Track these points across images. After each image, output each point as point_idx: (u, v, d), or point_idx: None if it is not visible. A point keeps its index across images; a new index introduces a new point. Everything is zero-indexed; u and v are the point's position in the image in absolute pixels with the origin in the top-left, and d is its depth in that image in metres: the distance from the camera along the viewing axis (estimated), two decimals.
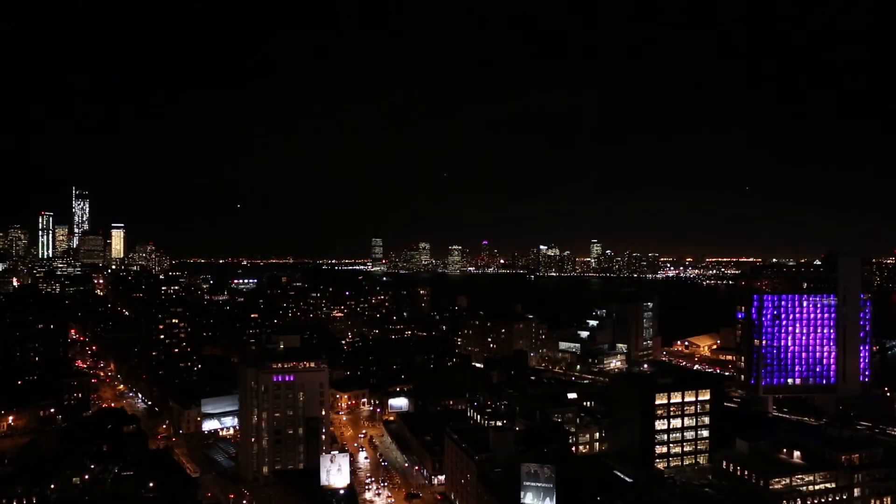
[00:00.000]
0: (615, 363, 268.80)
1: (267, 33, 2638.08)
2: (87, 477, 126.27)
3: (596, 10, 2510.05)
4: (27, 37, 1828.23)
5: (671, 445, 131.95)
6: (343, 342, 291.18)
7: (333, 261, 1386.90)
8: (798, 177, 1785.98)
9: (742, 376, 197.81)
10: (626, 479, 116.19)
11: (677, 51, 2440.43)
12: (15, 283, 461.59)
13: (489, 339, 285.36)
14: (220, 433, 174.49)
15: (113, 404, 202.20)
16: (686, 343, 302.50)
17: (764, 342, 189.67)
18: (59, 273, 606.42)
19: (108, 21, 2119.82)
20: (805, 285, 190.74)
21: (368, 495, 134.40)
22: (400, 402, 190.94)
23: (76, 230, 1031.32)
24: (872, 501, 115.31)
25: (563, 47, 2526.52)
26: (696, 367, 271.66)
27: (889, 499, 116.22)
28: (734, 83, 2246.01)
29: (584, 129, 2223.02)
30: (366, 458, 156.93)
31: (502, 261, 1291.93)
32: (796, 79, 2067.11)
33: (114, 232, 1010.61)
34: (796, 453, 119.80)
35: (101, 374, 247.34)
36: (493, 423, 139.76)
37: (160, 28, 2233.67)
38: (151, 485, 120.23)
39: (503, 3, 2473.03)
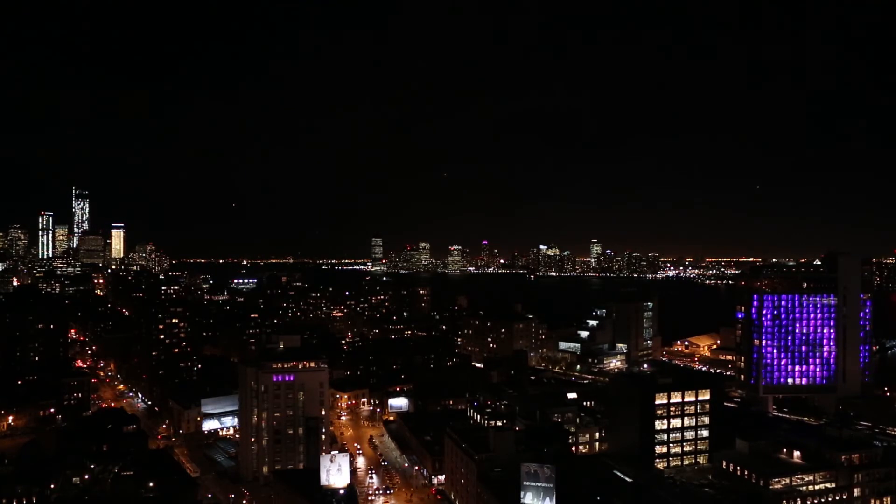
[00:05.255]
0: (615, 363, 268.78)
1: (267, 33, 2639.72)
2: (87, 477, 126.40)
3: (596, 11, 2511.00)
4: (28, 36, 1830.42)
5: (671, 445, 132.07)
6: (343, 342, 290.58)
7: (333, 261, 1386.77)
8: (798, 177, 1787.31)
9: (742, 376, 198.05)
10: (626, 479, 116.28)
11: (677, 51, 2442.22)
12: (15, 283, 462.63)
13: (489, 339, 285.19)
14: (220, 433, 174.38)
15: (113, 404, 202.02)
16: (686, 343, 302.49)
17: (764, 342, 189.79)
18: (59, 273, 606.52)
19: (109, 21, 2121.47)
20: (805, 285, 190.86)
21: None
22: (400, 402, 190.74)
23: (76, 230, 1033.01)
24: (872, 501, 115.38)
25: (563, 48, 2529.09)
26: (696, 367, 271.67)
27: (889, 499, 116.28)
28: (734, 84, 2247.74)
29: (583, 130, 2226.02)
30: (371, 476, 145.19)
31: (502, 261, 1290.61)
32: (796, 79, 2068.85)
33: (114, 232, 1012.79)
34: (796, 453, 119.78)
35: (101, 374, 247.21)
36: (493, 423, 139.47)
37: (161, 28, 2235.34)
38: (151, 485, 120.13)
39: (504, 4, 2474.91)
